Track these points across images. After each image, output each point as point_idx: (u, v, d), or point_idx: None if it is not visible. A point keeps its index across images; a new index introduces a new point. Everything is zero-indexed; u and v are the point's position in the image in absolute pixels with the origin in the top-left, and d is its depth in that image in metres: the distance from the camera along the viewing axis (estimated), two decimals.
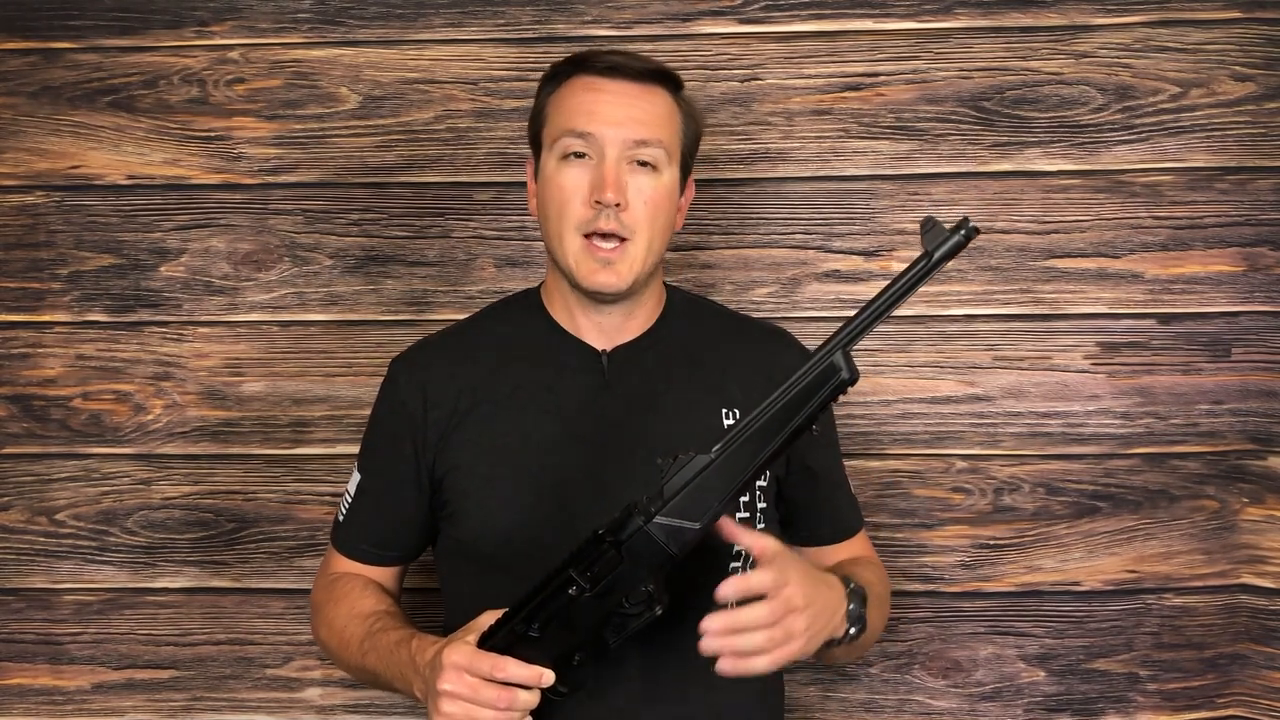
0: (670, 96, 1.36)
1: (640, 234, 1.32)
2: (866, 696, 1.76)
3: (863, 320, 1.10)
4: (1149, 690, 1.73)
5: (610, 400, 1.36)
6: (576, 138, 1.31)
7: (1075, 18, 1.72)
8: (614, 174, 1.30)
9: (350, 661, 1.38)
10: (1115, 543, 1.73)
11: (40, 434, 1.79)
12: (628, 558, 1.13)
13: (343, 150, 1.77)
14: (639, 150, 1.31)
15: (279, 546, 1.78)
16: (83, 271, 1.78)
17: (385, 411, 1.42)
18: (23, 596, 1.80)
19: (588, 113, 1.31)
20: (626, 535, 1.13)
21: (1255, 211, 1.71)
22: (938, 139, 1.73)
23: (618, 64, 1.33)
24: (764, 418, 1.12)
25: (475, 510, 1.34)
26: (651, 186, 1.32)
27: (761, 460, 1.13)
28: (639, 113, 1.32)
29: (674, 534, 1.13)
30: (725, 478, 1.13)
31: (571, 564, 1.15)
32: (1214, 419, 1.72)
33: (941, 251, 1.06)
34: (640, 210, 1.31)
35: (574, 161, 1.32)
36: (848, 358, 1.10)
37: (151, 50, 1.78)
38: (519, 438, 1.34)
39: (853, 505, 1.51)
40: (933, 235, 1.06)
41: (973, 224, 1.05)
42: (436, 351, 1.42)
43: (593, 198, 1.30)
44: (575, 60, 1.36)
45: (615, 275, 1.31)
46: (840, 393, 1.11)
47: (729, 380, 1.38)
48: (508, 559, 1.30)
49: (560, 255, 1.33)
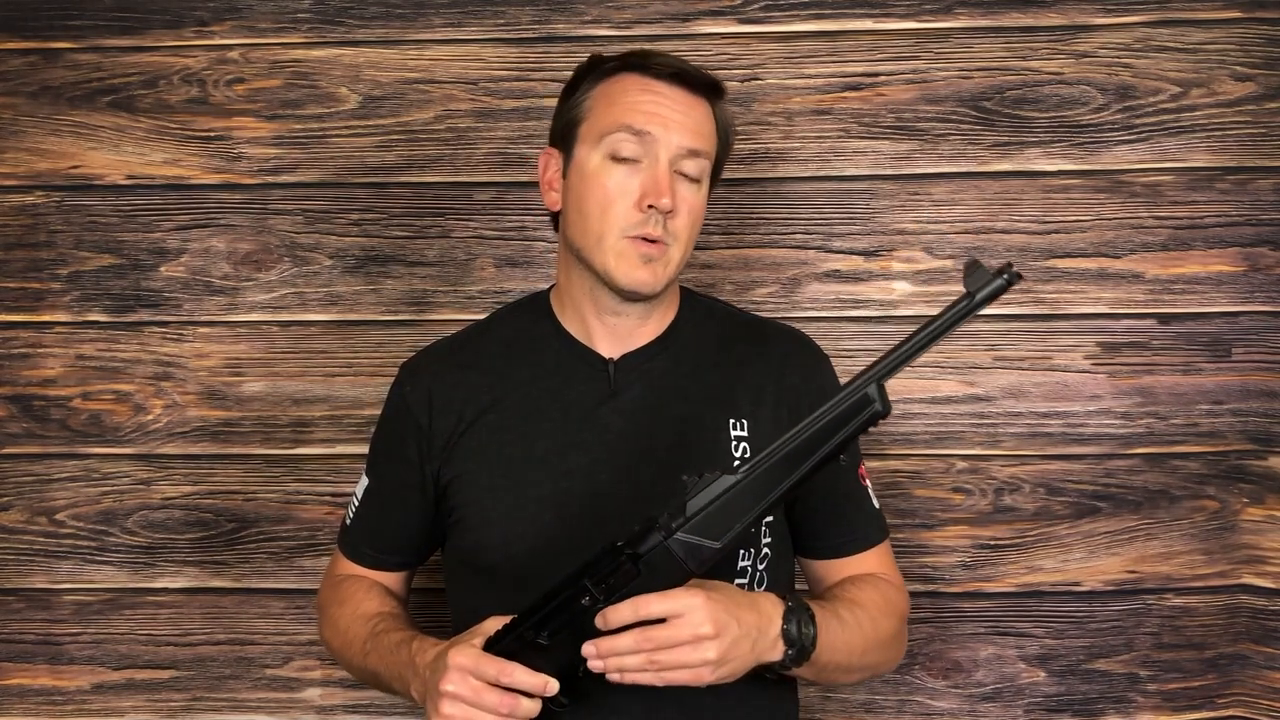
0: (713, 109, 1.35)
1: (680, 241, 1.31)
2: (866, 697, 1.76)
3: (899, 355, 1.10)
4: (1149, 690, 1.73)
5: (616, 410, 1.35)
6: (633, 136, 1.29)
7: (1075, 18, 1.72)
8: (667, 181, 1.28)
9: (354, 663, 1.38)
10: (1115, 543, 1.73)
11: (40, 434, 1.79)
12: (645, 572, 1.13)
13: (343, 150, 1.77)
14: (688, 160, 1.30)
15: (279, 546, 1.78)
16: (83, 271, 1.78)
17: (391, 416, 1.42)
18: (23, 596, 1.80)
19: (647, 113, 1.29)
20: (646, 549, 1.13)
21: (1255, 211, 1.71)
22: (938, 139, 1.73)
23: (680, 70, 1.31)
24: (794, 443, 1.13)
25: (479, 521, 1.33)
26: (694, 196, 1.32)
27: (787, 486, 1.13)
28: (693, 122, 1.31)
29: (693, 551, 1.13)
30: (750, 499, 1.13)
31: (586, 574, 1.15)
32: (1214, 419, 1.72)
33: (983, 294, 1.06)
34: (684, 218, 1.31)
35: (622, 163, 1.29)
36: (882, 390, 1.11)
37: (151, 50, 1.78)
38: (524, 447, 1.34)
39: (868, 519, 1.42)
40: (975, 277, 1.06)
41: (1016, 269, 1.05)
42: (444, 358, 1.42)
43: (645, 202, 1.28)
44: (629, 59, 1.33)
45: (652, 274, 1.30)
46: (871, 424, 1.12)
47: (738, 391, 1.36)
48: (511, 569, 1.30)
49: (596, 254, 1.30)
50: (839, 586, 1.38)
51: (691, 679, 1.14)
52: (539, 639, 1.16)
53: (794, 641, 1.19)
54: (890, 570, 1.42)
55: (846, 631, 1.27)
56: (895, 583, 1.41)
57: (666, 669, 1.13)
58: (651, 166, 1.29)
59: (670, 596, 1.13)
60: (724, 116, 1.37)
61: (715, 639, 1.12)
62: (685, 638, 1.12)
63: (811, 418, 1.12)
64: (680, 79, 1.31)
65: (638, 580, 1.13)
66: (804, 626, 1.19)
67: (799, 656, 1.20)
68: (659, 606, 1.12)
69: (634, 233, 1.28)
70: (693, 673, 1.13)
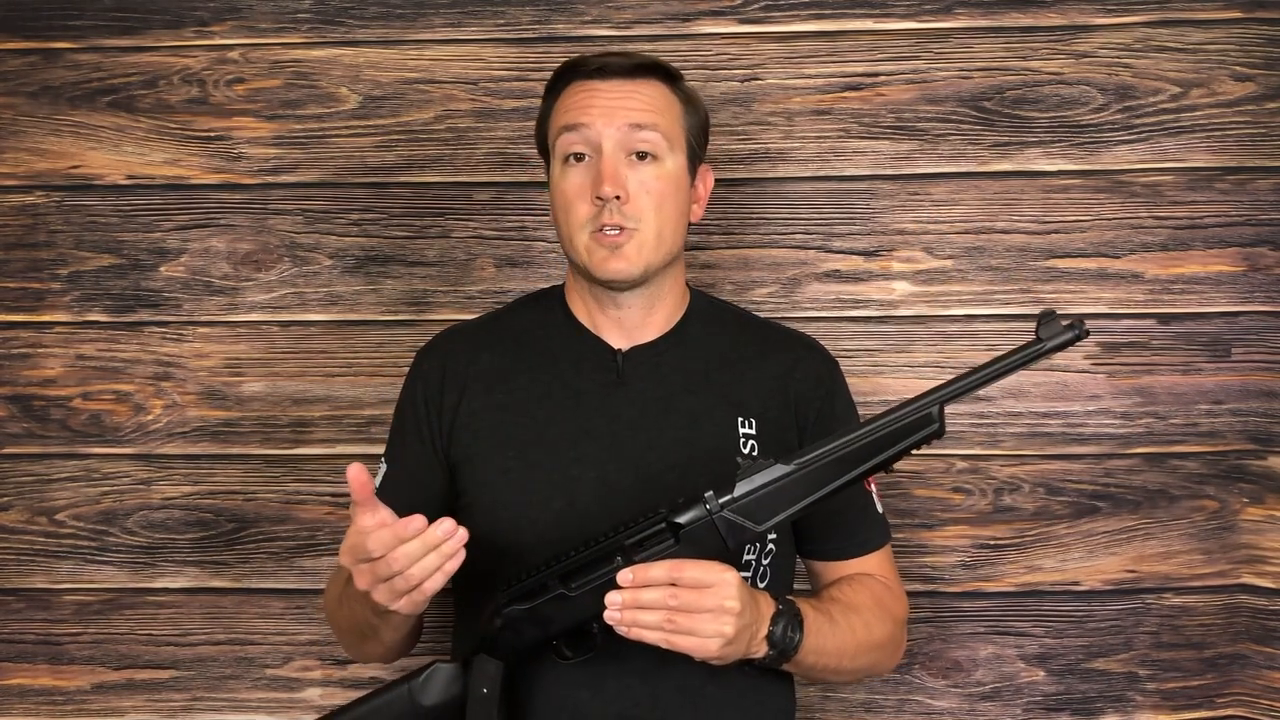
0: (665, 86, 1.37)
1: (647, 223, 1.32)
2: (866, 697, 1.76)
3: (966, 383, 1.17)
4: (1148, 690, 1.73)
5: (624, 399, 1.36)
6: (571, 132, 1.33)
7: (1075, 18, 1.72)
8: (611, 167, 1.31)
9: (341, 622, 1.39)
10: (1115, 543, 1.73)
11: (40, 434, 1.79)
12: (684, 542, 1.18)
13: (343, 150, 1.77)
14: (636, 138, 1.32)
15: (279, 546, 1.78)
16: (83, 271, 1.78)
17: (406, 399, 1.43)
18: (23, 596, 1.80)
19: (580, 108, 1.33)
20: (689, 521, 1.18)
21: (1255, 211, 1.71)
22: (938, 139, 1.73)
23: (605, 63, 1.35)
24: (851, 446, 1.18)
25: (490, 503, 1.34)
26: (654, 176, 1.33)
27: (837, 485, 1.18)
28: (632, 103, 1.33)
29: (735, 530, 1.18)
30: (799, 491, 1.18)
31: (624, 536, 1.19)
32: (1214, 419, 1.72)
33: (1052, 344, 1.15)
34: (644, 201, 1.32)
35: (574, 164, 1.34)
36: (941, 413, 1.17)
37: (151, 50, 1.78)
38: (536, 432, 1.35)
39: (872, 524, 1.42)
40: (1048, 327, 1.15)
41: (1086, 326, 1.15)
42: (459, 338, 1.44)
43: (593, 194, 1.31)
44: (568, 66, 1.38)
45: (625, 260, 1.32)
46: (926, 442, 1.18)
47: (748, 390, 1.38)
48: (518, 555, 1.31)
49: (574, 253, 1.35)
50: (836, 587, 1.39)
51: (697, 648, 1.16)
52: (565, 590, 1.19)
53: (776, 644, 1.22)
54: (890, 573, 1.43)
55: (838, 635, 1.29)
56: (894, 587, 1.43)
57: (680, 632, 1.15)
58: (598, 160, 1.32)
59: (706, 566, 1.16)
60: (685, 90, 1.39)
61: (736, 616, 1.16)
62: (710, 606, 1.15)
63: (873, 425, 1.18)
64: (609, 69, 1.35)
65: (673, 550, 1.18)
66: (790, 631, 1.23)
67: (779, 658, 1.24)
68: (694, 573, 1.15)
69: (594, 226, 1.32)
70: (701, 643, 1.16)
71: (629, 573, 1.16)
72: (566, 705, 1.28)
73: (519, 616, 1.22)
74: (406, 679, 1.25)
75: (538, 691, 1.28)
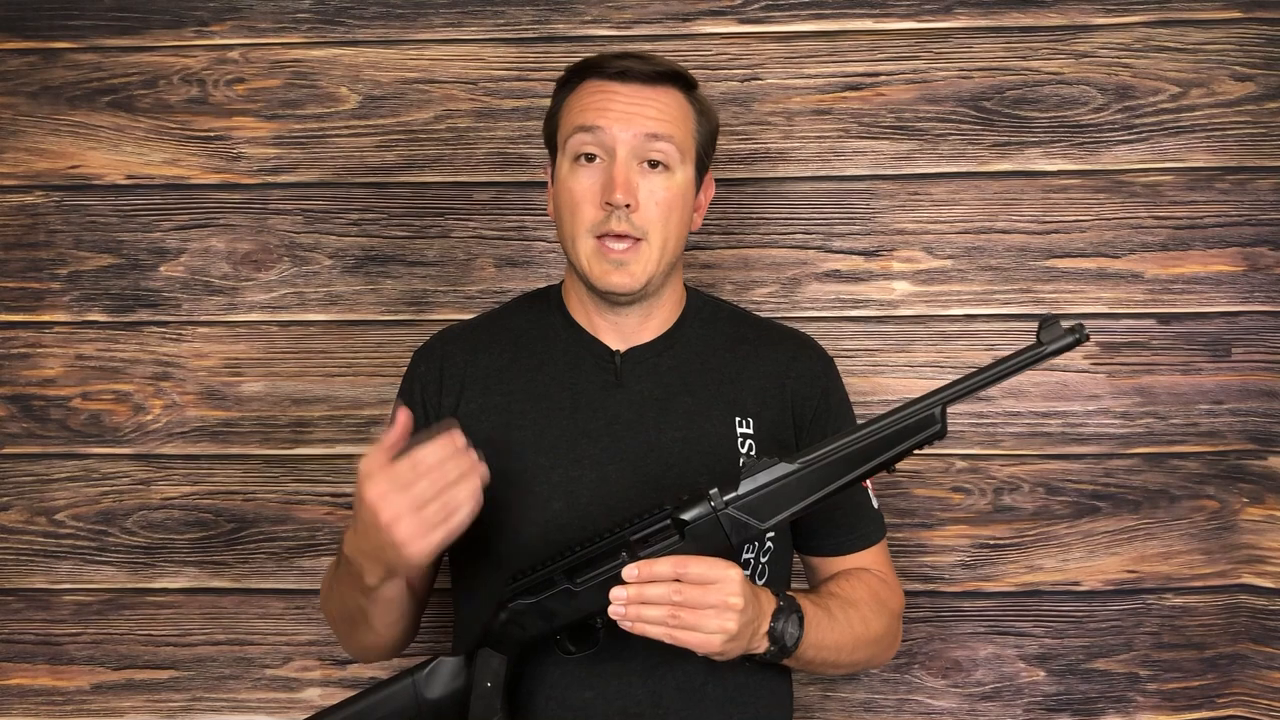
0: (682, 95, 1.36)
1: (653, 234, 1.32)
2: (866, 696, 1.76)
3: (966, 386, 1.20)
4: (1149, 690, 1.73)
5: (622, 400, 1.36)
6: (586, 133, 1.32)
7: (1075, 18, 1.72)
8: (623, 174, 1.30)
9: (333, 611, 1.39)
10: (1115, 543, 1.73)
11: (40, 434, 1.79)
12: (688, 538, 1.19)
13: (342, 150, 1.77)
14: (650, 147, 1.31)
15: (278, 547, 1.78)
16: (82, 271, 1.78)
17: (404, 396, 1.43)
18: (22, 596, 1.80)
19: (597, 110, 1.32)
20: (694, 518, 1.19)
21: (1255, 211, 1.71)
22: (938, 139, 1.73)
23: (627, 67, 1.34)
24: (855, 445, 1.20)
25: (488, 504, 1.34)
26: (664, 186, 1.33)
27: (840, 484, 1.20)
28: (650, 110, 1.33)
29: (739, 528, 1.20)
30: (803, 490, 1.20)
31: (629, 532, 1.20)
32: (1214, 419, 1.72)
33: (1053, 348, 1.17)
34: (653, 211, 1.32)
35: (585, 164, 1.33)
36: (944, 414, 1.20)
37: (151, 50, 1.78)
38: (533, 434, 1.35)
39: (867, 518, 1.43)
40: (1049, 331, 1.17)
41: (1087, 330, 1.17)
42: (456, 339, 1.44)
43: (603, 199, 1.31)
44: (587, 64, 1.37)
45: (628, 276, 1.32)
46: (928, 443, 1.20)
47: (745, 390, 1.38)
48: (518, 556, 1.30)
49: (575, 257, 1.34)
50: (835, 583, 1.39)
51: (700, 644, 1.17)
52: (571, 584, 1.21)
53: (778, 639, 1.23)
54: (886, 567, 1.45)
55: (836, 629, 1.30)
56: (890, 580, 1.44)
57: (683, 628, 1.16)
58: (610, 164, 1.31)
59: (710, 563, 1.17)
60: (700, 100, 1.38)
61: (739, 613, 1.17)
62: (714, 602, 1.16)
63: (876, 425, 1.19)
64: (630, 74, 1.33)
65: (678, 546, 1.19)
66: (790, 628, 1.24)
67: (779, 654, 1.25)
68: (698, 569, 1.16)
69: (599, 231, 1.32)
70: (704, 638, 1.17)
71: (634, 568, 1.16)
72: (568, 704, 1.28)
73: (524, 610, 1.23)
74: (410, 671, 1.26)
75: (540, 690, 1.29)
